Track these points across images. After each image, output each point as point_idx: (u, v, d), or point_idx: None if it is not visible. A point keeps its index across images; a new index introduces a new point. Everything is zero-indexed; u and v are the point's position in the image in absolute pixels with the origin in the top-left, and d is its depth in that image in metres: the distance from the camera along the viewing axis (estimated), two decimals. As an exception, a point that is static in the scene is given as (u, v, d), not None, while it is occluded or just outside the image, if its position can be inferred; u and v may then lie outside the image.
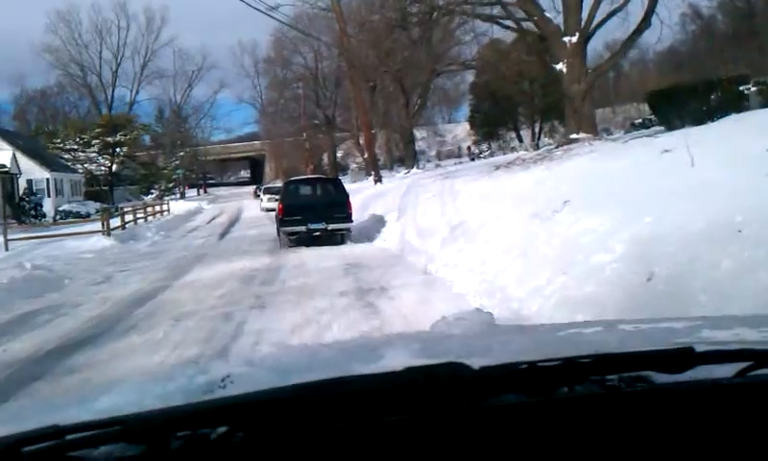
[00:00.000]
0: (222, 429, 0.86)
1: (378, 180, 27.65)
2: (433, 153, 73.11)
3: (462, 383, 0.90)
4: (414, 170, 34.43)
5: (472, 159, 45.76)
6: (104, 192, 47.95)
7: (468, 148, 72.24)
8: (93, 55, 67.75)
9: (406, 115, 36.64)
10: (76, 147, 46.96)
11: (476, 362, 0.92)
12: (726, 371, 0.96)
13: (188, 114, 72.23)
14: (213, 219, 29.82)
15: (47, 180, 36.33)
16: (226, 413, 0.88)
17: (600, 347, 1.17)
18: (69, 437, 0.82)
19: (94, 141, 47.05)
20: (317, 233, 14.15)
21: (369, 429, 0.87)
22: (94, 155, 47.41)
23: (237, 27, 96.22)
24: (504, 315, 5.90)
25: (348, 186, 34.08)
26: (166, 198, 54.75)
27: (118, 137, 47.37)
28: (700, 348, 0.96)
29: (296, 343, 5.56)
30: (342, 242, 14.30)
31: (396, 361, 1.03)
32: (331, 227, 14.34)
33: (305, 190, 16.13)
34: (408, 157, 37.28)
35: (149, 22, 69.62)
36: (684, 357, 0.94)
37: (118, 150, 48.51)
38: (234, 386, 1.11)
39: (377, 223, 16.18)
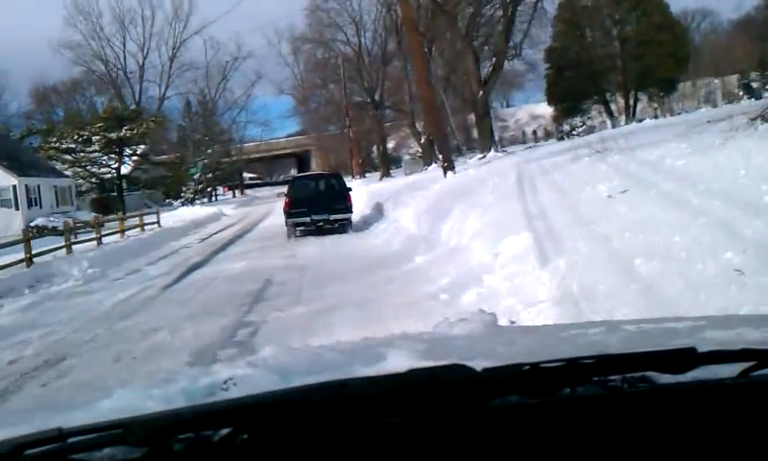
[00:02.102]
0: (224, 432, 0.85)
1: (450, 167, 18.21)
2: (495, 138, 64.27)
3: (465, 385, 0.89)
4: (492, 153, 25.08)
5: (561, 139, 36.12)
6: (112, 199, 40.10)
7: (534, 132, 64.99)
8: (117, 48, 62.37)
9: (477, 81, 27.00)
10: (74, 146, 39.02)
11: (479, 364, 0.91)
12: (728, 371, 0.94)
13: (223, 110, 64.91)
14: (216, 233, 21.14)
15: (14, 187, 27.95)
16: (228, 415, 0.87)
17: (602, 347, 1.18)
18: (71, 440, 0.81)
19: (95, 138, 38.99)
20: (320, 224, 15.68)
21: (372, 432, 0.86)
22: (97, 154, 39.42)
23: (271, 12, 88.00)
24: None
25: (405, 180, 25.38)
26: (197, 202, 47.22)
27: (123, 132, 38.95)
28: (702, 348, 0.94)
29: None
30: (344, 231, 15.51)
31: (399, 363, 1.00)
32: (333, 217, 15.82)
33: (310, 185, 17.20)
34: (483, 137, 27.64)
35: (176, 10, 63.26)
36: (686, 358, 0.93)
37: (126, 148, 40.25)
38: (237, 388, 1.06)
39: (483, 268, 6.95)
